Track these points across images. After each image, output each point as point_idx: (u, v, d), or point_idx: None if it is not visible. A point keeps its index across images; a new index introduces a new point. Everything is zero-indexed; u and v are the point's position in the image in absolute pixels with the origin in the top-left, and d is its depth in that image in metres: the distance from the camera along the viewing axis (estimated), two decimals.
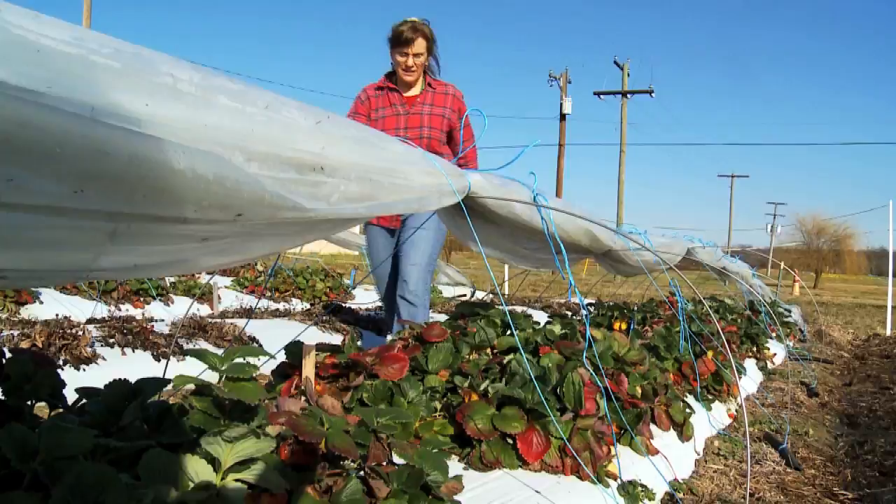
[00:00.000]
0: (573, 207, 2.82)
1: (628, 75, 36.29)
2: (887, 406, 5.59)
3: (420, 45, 4.38)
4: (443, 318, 3.80)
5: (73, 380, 2.55)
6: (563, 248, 2.54)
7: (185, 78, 1.16)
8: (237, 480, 1.38)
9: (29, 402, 1.71)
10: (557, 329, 3.68)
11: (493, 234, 2.82)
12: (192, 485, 1.33)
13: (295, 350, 2.51)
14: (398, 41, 4.35)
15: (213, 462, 1.39)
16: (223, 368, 1.56)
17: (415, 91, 4.57)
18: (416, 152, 1.97)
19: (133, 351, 4.78)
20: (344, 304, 9.08)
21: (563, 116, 34.66)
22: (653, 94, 35.86)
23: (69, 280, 1.56)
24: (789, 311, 10.93)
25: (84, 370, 4.25)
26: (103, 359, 4.46)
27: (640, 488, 2.73)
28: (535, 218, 2.51)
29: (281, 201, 1.40)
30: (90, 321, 5.78)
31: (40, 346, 4.26)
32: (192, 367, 4.25)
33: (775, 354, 7.26)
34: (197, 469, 1.35)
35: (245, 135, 1.29)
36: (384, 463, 1.79)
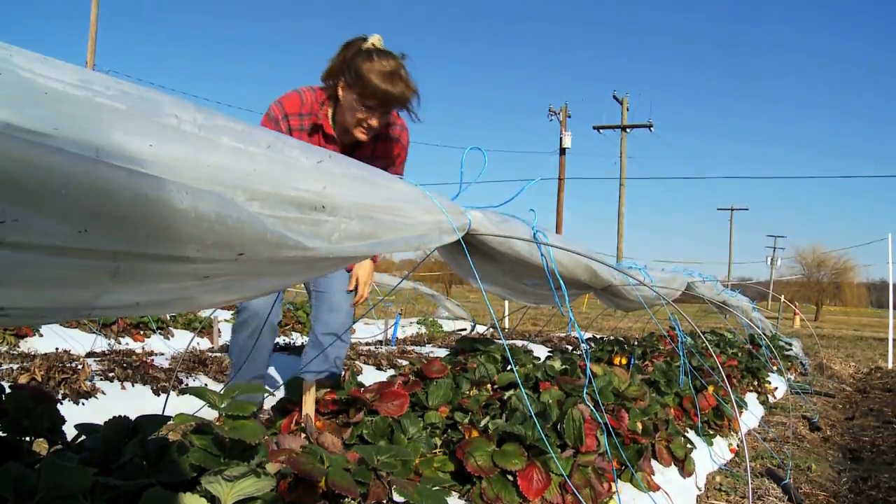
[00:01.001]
0: (573, 244, 2.83)
1: (627, 109, 36.55)
2: (891, 440, 5.56)
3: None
4: (443, 352, 3.80)
5: (73, 414, 2.55)
6: (562, 283, 2.54)
7: (188, 119, 1.18)
8: None
9: (27, 438, 1.71)
10: (558, 364, 3.68)
11: (492, 271, 2.82)
12: None
13: (295, 385, 2.51)
14: (375, 96, 3.02)
15: (214, 501, 1.39)
16: (223, 406, 1.56)
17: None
18: (416, 191, 1.98)
19: (133, 385, 4.77)
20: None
21: (562, 151, 34.89)
22: (652, 129, 36.09)
23: (71, 318, 1.57)
24: (790, 345, 10.91)
25: (83, 404, 4.24)
26: (103, 393, 4.44)
27: None
28: (535, 254, 2.52)
29: (282, 240, 1.41)
30: (90, 355, 5.77)
31: (39, 379, 4.25)
32: (192, 402, 4.24)
33: (776, 388, 7.24)
34: None
35: (247, 174, 1.30)
36: (384, 501, 1.78)
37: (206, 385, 4.95)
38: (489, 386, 3.32)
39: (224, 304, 2.18)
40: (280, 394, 2.68)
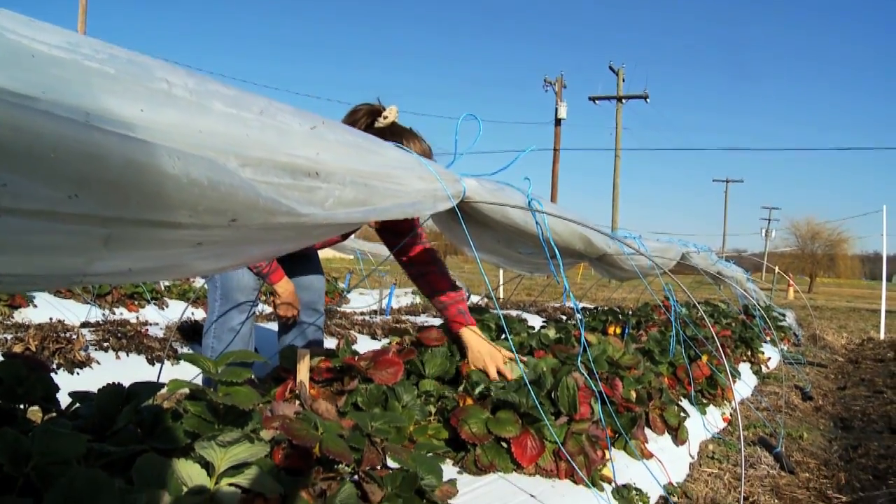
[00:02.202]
0: (568, 212, 2.82)
1: (623, 80, 36.38)
2: (881, 410, 5.61)
3: None
4: (438, 322, 3.79)
5: (67, 383, 2.55)
6: (557, 252, 2.54)
7: (179, 83, 1.16)
8: (231, 485, 1.38)
9: (21, 406, 1.71)
10: (552, 333, 3.68)
11: (487, 239, 2.82)
12: (185, 489, 1.33)
13: (289, 354, 2.51)
14: None
15: (207, 466, 1.39)
16: (217, 373, 1.56)
17: None
18: (410, 158, 1.97)
19: (127, 355, 4.77)
20: (338, 309, 9.08)
21: (558, 121, 34.77)
22: (647, 99, 35.95)
23: (63, 285, 1.56)
24: (784, 316, 10.96)
25: (78, 374, 4.24)
26: (97, 362, 4.45)
27: (634, 492, 2.73)
28: (530, 222, 2.52)
29: (275, 206, 1.40)
30: (84, 325, 5.78)
31: (34, 349, 4.25)
32: (187, 371, 4.25)
33: (770, 358, 7.28)
34: (191, 473, 1.35)
35: (240, 140, 1.29)
36: (378, 467, 1.79)
37: None
38: None
39: (217, 271, 2.19)
40: (275, 361, 2.69)
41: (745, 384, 5.78)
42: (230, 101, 1.27)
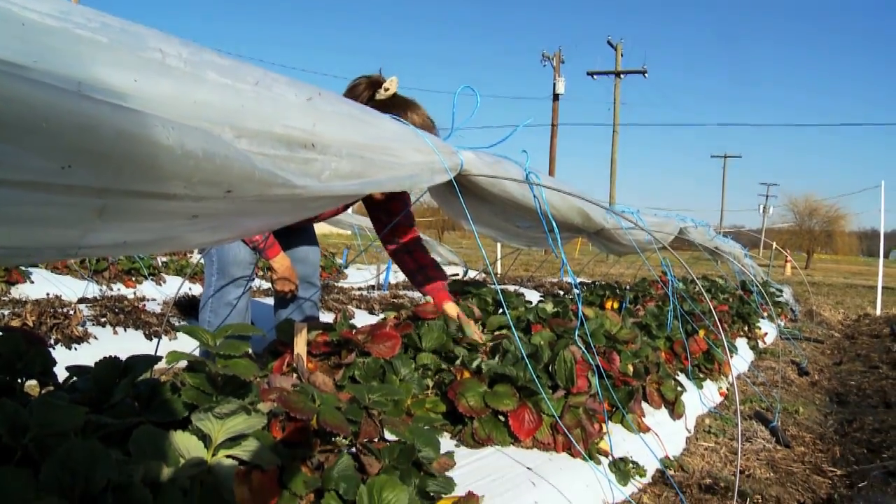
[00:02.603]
0: (565, 186, 2.81)
1: (622, 55, 36.22)
2: (876, 385, 5.63)
3: None
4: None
5: (65, 359, 2.55)
6: (555, 225, 2.53)
7: (173, 53, 1.15)
8: (228, 457, 1.38)
9: (20, 380, 1.70)
10: (549, 307, 3.68)
11: (485, 213, 2.81)
12: (182, 461, 1.33)
13: (286, 328, 2.51)
14: None
15: (205, 439, 1.39)
16: (216, 345, 1.56)
17: None
18: (407, 130, 1.96)
19: (125, 330, 4.78)
20: (336, 284, 9.08)
21: (556, 96, 34.62)
22: (646, 75, 35.81)
23: (57, 257, 1.55)
24: (781, 291, 10.98)
25: (75, 349, 4.25)
26: (95, 338, 4.45)
27: (631, 465, 2.75)
28: (528, 196, 2.51)
29: (271, 178, 1.39)
30: (81, 300, 5.78)
31: (31, 325, 4.25)
32: (184, 346, 4.25)
33: (766, 334, 7.30)
34: (188, 445, 1.35)
35: (235, 111, 1.27)
36: (376, 439, 1.79)
37: None
38: (481, 328, 3.34)
39: (213, 244, 2.18)
40: (272, 335, 2.69)
41: (741, 359, 5.80)
42: (225, 72, 1.25)
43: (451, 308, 3.28)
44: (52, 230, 1.37)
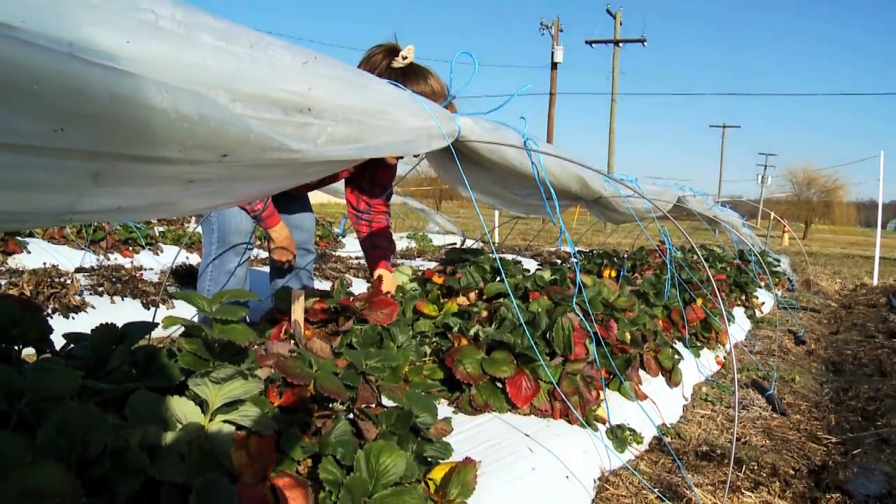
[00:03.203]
0: (564, 152, 2.79)
1: (620, 24, 35.96)
2: (872, 354, 5.65)
3: None
4: (433, 265, 3.79)
5: (62, 328, 2.54)
6: (553, 193, 2.52)
7: (167, 15, 1.13)
8: (226, 422, 1.38)
9: (16, 348, 1.70)
10: (547, 275, 3.68)
11: (483, 179, 2.79)
12: (179, 426, 1.33)
13: (284, 295, 2.50)
14: None
15: (202, 404, 1.39)
16: (212, 310, 1.55)
17: None
18: (404, 95, 1.94)
19: (122, 299, 4.77)
20: (333, 253, 9.07)
21: (554, 65, 34.37)
22: (645, 44, 35.57)
23: (52, 223, 1.54)
24: (778, 261, 10.99)
25: (73, 318, 4.25)
26: (92, 307, 4.45)
27: (628, 432, 2.76)
28: (526, 163, 2.49)
29: (267, 142, 1.38)
30: (78, 270, 5.76)
31: (28, 294, 4.24)
32: (183, 315, 4.25)
33: (764, 303, 7.31)
34: (185, 410, 1.34)
35: (230, 74, 1.26)
36: (373, 405, 1.79)
37: None
38: (474, 295, 3.34)
39: (209, 209, 2.16)
40: (270, 303, 2.68)
41: (739, 328, 5.82)
42: (219, 34, 1.24)
43: (385, 274, 3.45)
44: (47, 195, 1.35)
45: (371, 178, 3.46)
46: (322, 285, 5.85)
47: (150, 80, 1.08)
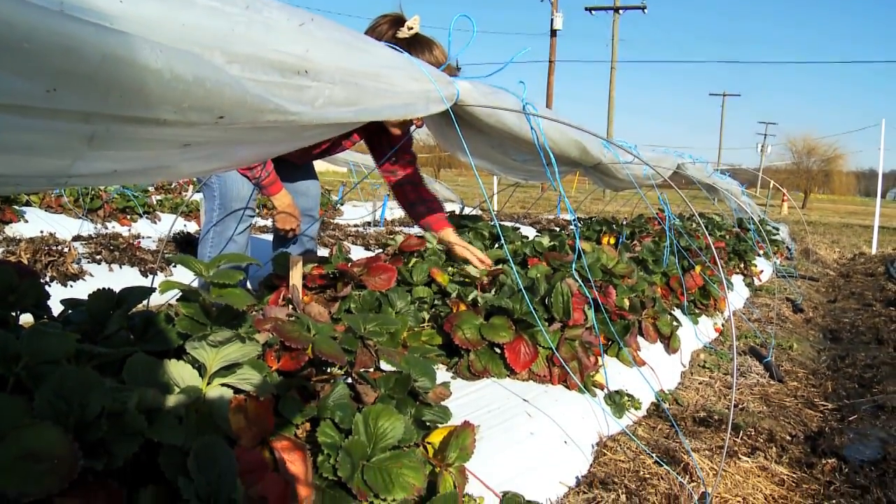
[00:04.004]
0: (563, 117, 2.77)
1: None
2: (869, 322, 5.67)
3: None
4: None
5: (60, 296, 2.54)
6: (553, 157, 2.50)
7: None
8: (223, 385, 1.38)
9: (14, 314, 1.69)
10: (546, 241, 3.67)
11: (481, 145, 2.78)
12: (177, 390, 1.33)
13: (282, 261, 2.49)
14: None
15: (199, 368, 1.39)
16: (210, 275, 1.54)
17: None
18: (402, 58, 1.91)
19: (120, 267, 4.77)
20: (332, 221, 9.06)
21: (553, 33, 34.07)
22: (645, 10, 35.25)
23: (47, 186, 1.53)
24: (777, 230, 10.99)
25: (71, 286, 4.24)
26: (90, 275, 4.44)
27: (626, 398, 2.77)
28: (525, 128, 2.47)
29: (263, 104, 1.37)
30: (76, 239, 5.75)
31: (26, 262, 4.23)
32: (180, 281, 4.25)
33: (762, 271, 7.32)
34: (182, 374, 1.34)
35: (225, 35, 1.24)
36: (371, 369, 1.79)
37: None
38: None
39: (206, 172, 2.14)
40: (268, 269, 2.68)
41: (737, 295, 5.83)
42: None
43: (450, 234, 3.36)
44: (42, 158, 1.34)
45: (388, 140, 3.43)
46: (320, 253, 5.84)
47: (144, 40, 1.07)
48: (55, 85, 1.01)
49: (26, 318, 1.70)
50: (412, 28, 2.92)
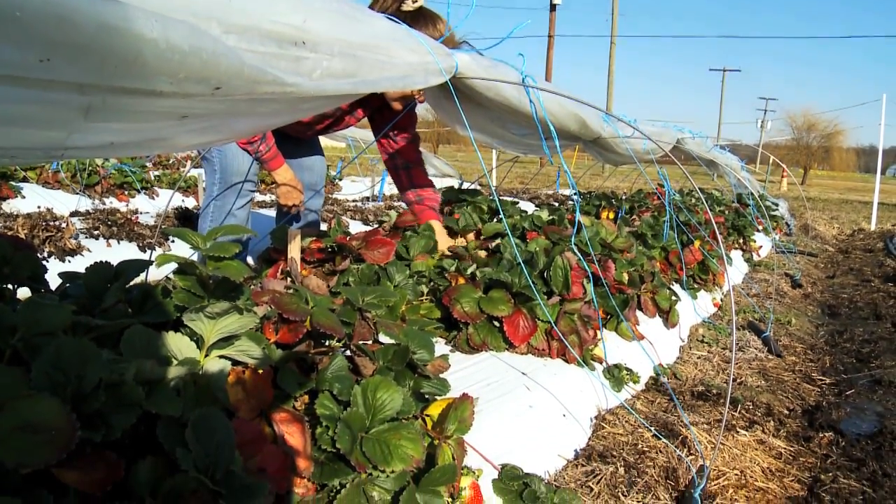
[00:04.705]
0: (562, 90, 2.75)
1: None
2: (867, 297, 5.67)
3: None
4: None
5: (59, 271, 2.53)
6: (553, 130, 2.49)
7: None
8: (221, 357, 1.38)
9: (10, 287, 1.69)
10: (545, 215, 3.66)
11: (481, 118, 2.76)
12: (175, 362, 1.33)
13: (280, 235, 2.48)
14: None
15: (197, 340, 1.38)
16: (206, 247, 1.53)
17: None
18: (401, 29, 1.90)
19: (118, 242, 4.76)
20: (330, 196, 9.04)
21: (553, 7, 33.84)
22: None
23: (43, 159, 1.52)
24: (777, 205, 10.98)
25: (69, 262, 4.23)
26: (88, 250, 4.44)
27: (625, 372, 2.77)
28: (524, 101, 2.45)
29: (261, 75, 1.35)
30: (74, 214, 5.73)
31: (23, 238, 4.22)
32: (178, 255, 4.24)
33: (761, 247, 7.32)
34: (180, 346, 1.34)
35: (221, 5, 1.23)
36: (370, 342, 1.79)
37: None
38: (472, 236, 3.33)
39: (203, 145, 2.12)
40: (266, 243, 2.67)
41: (736, 271, 5.83)
42: None
43: (436, 224, 3.34)
44: (37, 130, 1.33)
45: (391, 123, 3.40)
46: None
47: (139, 10, 1.05)
48: (49, 55, 1.00)
49: (24, 293, 1.69)
50: (417, 1, 2.90)
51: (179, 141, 1.70)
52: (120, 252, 4.64)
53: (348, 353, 1.70)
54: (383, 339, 1.89)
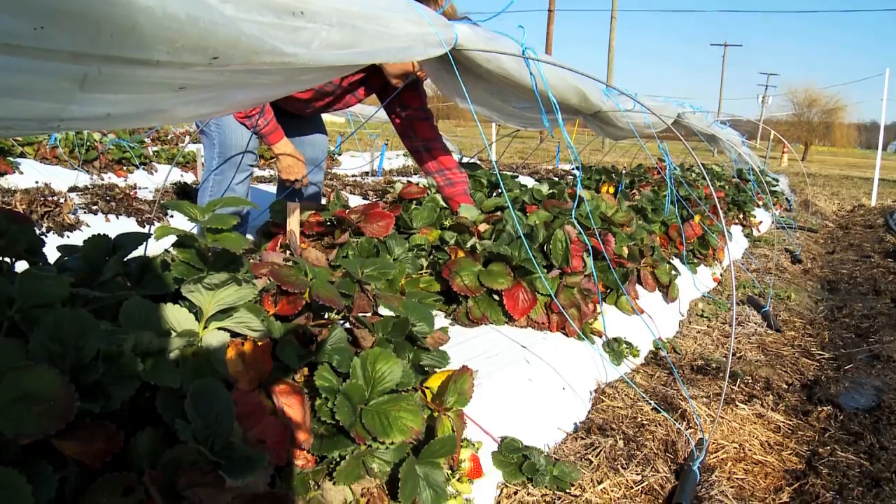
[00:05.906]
0: (564, 63, 2.73)
1: None
2: (867, 273, 5.68)
3: None
4: (426, 182, 3.76)
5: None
6: (554, 102, 2.47)
7: None
8: (220, 329, 1.37)
9: (7, 260, 1.68)
10: (545, 189, 3.65)
11: (481, 91, 2.74)
12: (174, 334, 1.32)
13: (279, 209, 2.47)
14: None
15: (196, 313, 1.38)
16: (205, 219, 1.52)
17: None
18: (401, 0, 1.88)
19: (117, 217, 4.74)
20: (329, 171, 9.02)
21: None
22: None
23: (38, 130, 1.50)
24: (777, 181, 10.96)
25: (67, 237, 4.22)
26: (87, 225, 4.42)
27: (624, 345, 2.77)
28: (524, 74, 2.43)
29: (259, 45, 1.34)
30: (72, 189, 5.71)
31: (21, 212, 4.21)
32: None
33: (761, 222, 7.31)
34: (179, 318, 1.33)
35: None
36: (369, 314, 1.78)
37: None
38: None
39: (201, 116, 2.11)
40: (266, 217, 2.66)
41: (736, 245, 5.83)
42: None
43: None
44: (33, 101, 1.32)
45: (401, 102, 3.36)
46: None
47: None
48: (43, 23, 0.98)
49: (22, 268, 1.69)
50: None
51: (177, 112, 1.69)
52: (118, 227, 4.62)
53: (347, 325, 1.70)
54: (383, 311, 1.89)
